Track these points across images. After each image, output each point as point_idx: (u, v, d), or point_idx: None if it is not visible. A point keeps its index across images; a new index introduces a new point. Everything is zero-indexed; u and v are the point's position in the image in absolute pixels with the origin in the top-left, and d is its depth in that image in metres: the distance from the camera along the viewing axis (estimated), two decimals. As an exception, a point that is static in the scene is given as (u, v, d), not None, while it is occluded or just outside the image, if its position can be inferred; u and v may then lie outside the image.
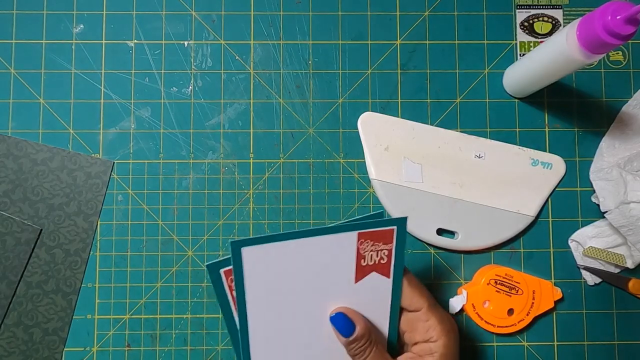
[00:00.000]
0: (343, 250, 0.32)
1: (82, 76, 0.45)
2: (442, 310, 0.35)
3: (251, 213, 0.45)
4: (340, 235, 0.31)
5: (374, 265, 0.33)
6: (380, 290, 0.33)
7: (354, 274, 0.33)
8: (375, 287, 0.33)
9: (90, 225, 0.44)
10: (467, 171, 0.44)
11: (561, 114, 0.46)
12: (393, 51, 0.46)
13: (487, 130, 0.46)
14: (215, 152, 0.45)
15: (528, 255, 0.45)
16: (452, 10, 0.46)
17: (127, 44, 0.46)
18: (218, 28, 0.46)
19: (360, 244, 0.32)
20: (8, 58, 0.45)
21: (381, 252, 0.32)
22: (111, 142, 0.45)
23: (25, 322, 0.43)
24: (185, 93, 0.45)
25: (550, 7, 0.46)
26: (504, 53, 0.46)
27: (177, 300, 0.44)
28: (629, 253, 0.42)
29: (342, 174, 0.45)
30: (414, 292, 0.33)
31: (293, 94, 0.46)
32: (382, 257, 0.32)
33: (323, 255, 0.32)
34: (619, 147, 0.44)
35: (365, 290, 0.33)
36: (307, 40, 0.46)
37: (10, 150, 0.44)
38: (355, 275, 0.33)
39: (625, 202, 0.40)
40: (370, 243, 0.32)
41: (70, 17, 0.46)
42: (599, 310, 0.44)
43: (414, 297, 0.33)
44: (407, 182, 0.44)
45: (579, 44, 0.34)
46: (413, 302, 0.33)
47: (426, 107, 0.46)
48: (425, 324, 0.33)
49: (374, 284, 0.33)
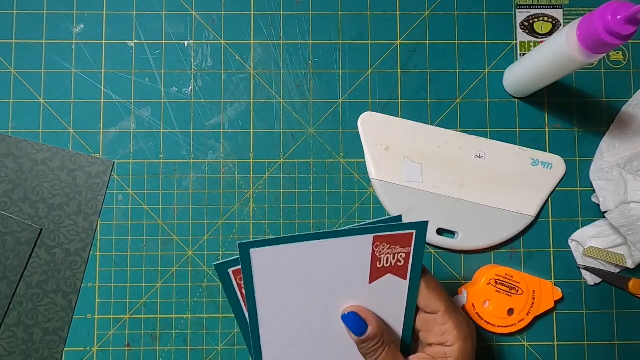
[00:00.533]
0: (357, 253, 0.31)
1: (82, 76, 0.45)
2: (462, 315, 0.34)
3: (251, 213, 0.45)
4: (355, 238, 0.31)
5: (389, 267, 0.32)
6: (395, 291, 0.33)
7: (368, 275, 0.32)
8: (391, 288, 0.33)
9: (90, 225, 0.44)
10: (467, 171, 0.44)
11: (561, 114, 0.46)
12: (393, 51, 0.46)
13: (487, 130, 0.46)
14: (216, 152, 0.45)
15: (528, 255, 0.45)
16: (452, 10, 0.46)
17: (127, 44, 0.46)
18: (218, 28, 0.46)
19: (375, 247, 0.31)
20: (8, 58, 0.45)
21: (398, 254, 0.32)
22: (111, 142, 0.45)
23: (25, 322, 0.43)
24: (185, 93, 0.45)
25: (550, 7, 0.46)
26: (504, 53, 0.46)
27: (177, 300, 0.44)
28: (629, 253, 0.42)
29: (342, 174, 0.45)
30: (431, 295, 0.33)
31: (293, 94, 0.46)
32: (399, 260, 0.32)
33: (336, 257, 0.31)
34: (619, 147, 0.44)
35: (380, 291, 0.33)
36: (307, 40, 0.46)
37: (10, 150, 0.44)
38: (370, 276, 0.32)
39: (625, 202, 0.40)
40: (386, 246, 0.31)
41: (70, 17, 0.46)
42: (599, 310, 0.44)
43: (431, 299, 0.33)
44: (407, 182, 0.44)
45: (579, 44, 0.34)
46: (430, 304, 0.33)
47: (426, 107, 0.46)
48: (441, 327, 0.33)
49: (389, 285, 0.33)
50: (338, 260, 0.31)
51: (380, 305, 0.33)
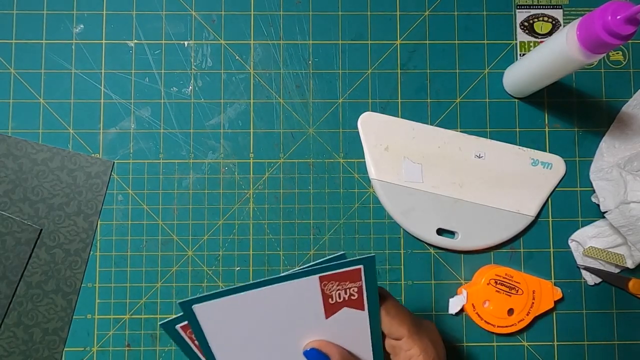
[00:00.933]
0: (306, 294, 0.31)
1: (82, 76, 0.45)
2: (427, 338, 0.33)
3: (251, 213, 0.45)
4: (300, 281, 0.30)
5: (343, 302, 0.32)
6: (356, 322, 0.32)
7: (322, 311, 0.32)
8: (350, 319, 0.32)
9: (90, 225, 0.44)
10: (467, 171, 0.44)
11: (561, 114, 0.46)
12: (393, 51, 0.46)
13: (487, 130, 0.46)
14: (215, 152, 0.45)
15: (528, 255, 0.45)
16: (452, 10, 0.46)
17: (127, 44, 0.46)
18: (218, 28, 0.46)
19: (324, 286, 0.31)
20: (8, 58, 0.45)
21: (350, 289, 0.31)
22: (111, 142, 0.45)
23: (25, 322, 0.43)
24: (185, 93, 0.45)
25: (550, 7, 0.46)
26: (504, 53, 0.46)
27: (177, 300, 0.44)
28: (629, 253, 0.42)
29: (342, 174, 0.45)
30: (392, 322, 0.32)
31: (293, 94, 0.46)
32: (352, 294, 0.31)
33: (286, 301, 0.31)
34: (619, 147, 0.44)
35: (339, 323, 0.32)
36: (307, 40, 0.46)
37: (10, 150, 0.44)
38: (325, 312, 0.32)
39: (625, 202, 0.40)
40: (335, 283, 0.31)
41: (70, 17, 0.46)
42: (599, 310, 0.44)
43: (393, 326, 0.32)
44: (407, 182, 0.44)
45: (579, 44, 0.34)
46: (392, 331, 0.32)
47: (426, 107, 0.46)
48: (407, 353, 0.32)
49: (348, 317, 0.32)
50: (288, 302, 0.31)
51: (344, 336, 0.33)
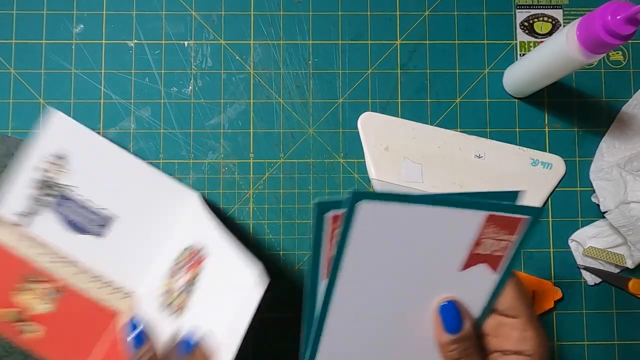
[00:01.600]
0: (461, 231, 0.27)
1: (82, 76, 0.45)
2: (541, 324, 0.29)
3: (251, 213, 0.45)
4: (467, 212, 0.26)
5: (486, 255, 0.28)
6: (481, 285, 0.28)
7: (464, 260, 0.28)
8: (478, 279, 0.28)
9: (90, 225, 0.44)
10: (467, 171, 0.44)
11: (561, 114, 0.46)
12: (393, 51, 0.46)
13: (487, 130, 0.46)
14: (215, 152, 0.45)
15: (528, 255, 0.45)
16: (452, 10, 0.46)
17: (127, 44, 0.46)
18: (218, 28, 0.46)
19: (486, 228, 0.27)
20: (8, 58, 0.45)
21: (501, 242, 0.28)
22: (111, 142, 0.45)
23: (25, 322, 0.43)
24: (185, 93, 0.45)
25: (550, 7, 0.46)
26: (504, 53, 0.46)
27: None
28: (629, 253, 0.42)
29: (342, 174, 0.45)
30: (518, 297, 0.28)
31: (293, 94, 0.46)
32: (498, 249, 0.28)
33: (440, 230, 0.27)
34: (619, 147, 0.44)
35: (466, 282, 0.28)
36: (307, 40, 0.46)
37: (10, 150, 0.44)
38: (465, 262, 0.28)
39: (625, 202, 0.40)
40: (494, 229, 0.27)
41: (70, 17, 0.46)
42: (599, 310, 0.44)
43: (517, 301, 0.28)
44: (407, 182, 0.44)
45: (579, 44, 0.34)
46: (513, 306, 0.28)
47: (426, 107, 0.46)
48: (522, 334, 0.28)
49: (477, 277, 0.28)
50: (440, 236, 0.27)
51: (462, 297, 0.28)
